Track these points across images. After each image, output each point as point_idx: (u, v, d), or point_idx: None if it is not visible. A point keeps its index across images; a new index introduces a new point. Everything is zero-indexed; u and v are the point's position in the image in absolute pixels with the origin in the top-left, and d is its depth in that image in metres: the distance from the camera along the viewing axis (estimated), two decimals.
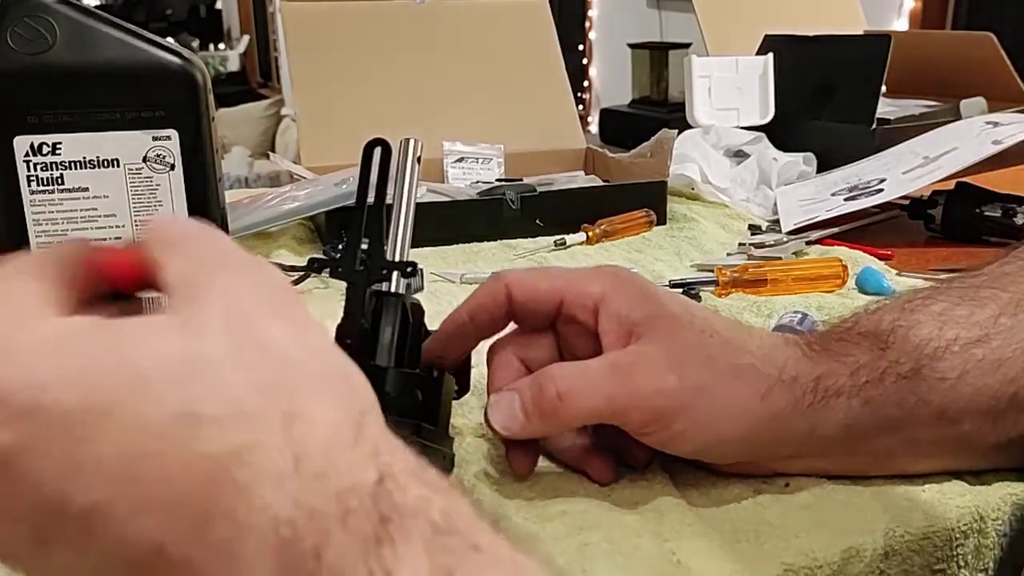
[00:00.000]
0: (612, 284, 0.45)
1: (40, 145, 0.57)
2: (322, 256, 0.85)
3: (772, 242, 0.90)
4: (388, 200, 0.46)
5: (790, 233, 0.93)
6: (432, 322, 0.48)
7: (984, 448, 0.45)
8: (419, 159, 0.46)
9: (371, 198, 0.44)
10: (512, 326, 0.48)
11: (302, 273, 0.79)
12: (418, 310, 0.47)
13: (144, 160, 0.58)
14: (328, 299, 0.77)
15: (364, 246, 0.44)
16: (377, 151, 0.44)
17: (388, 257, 0.45)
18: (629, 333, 0.44)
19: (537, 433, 0.45)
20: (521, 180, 1.11)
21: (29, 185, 0.57)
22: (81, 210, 0.58)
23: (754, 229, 0.97)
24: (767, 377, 0.43)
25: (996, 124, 1.01)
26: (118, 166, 0.58)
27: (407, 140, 0.47)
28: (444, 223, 0.92)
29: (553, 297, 0.46)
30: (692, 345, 0.43)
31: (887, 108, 1.36)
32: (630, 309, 0.44)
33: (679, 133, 1.13)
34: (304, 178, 1.05)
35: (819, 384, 0.43)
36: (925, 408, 0.43)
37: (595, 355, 0.44)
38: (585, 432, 0.47)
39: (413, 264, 0.44)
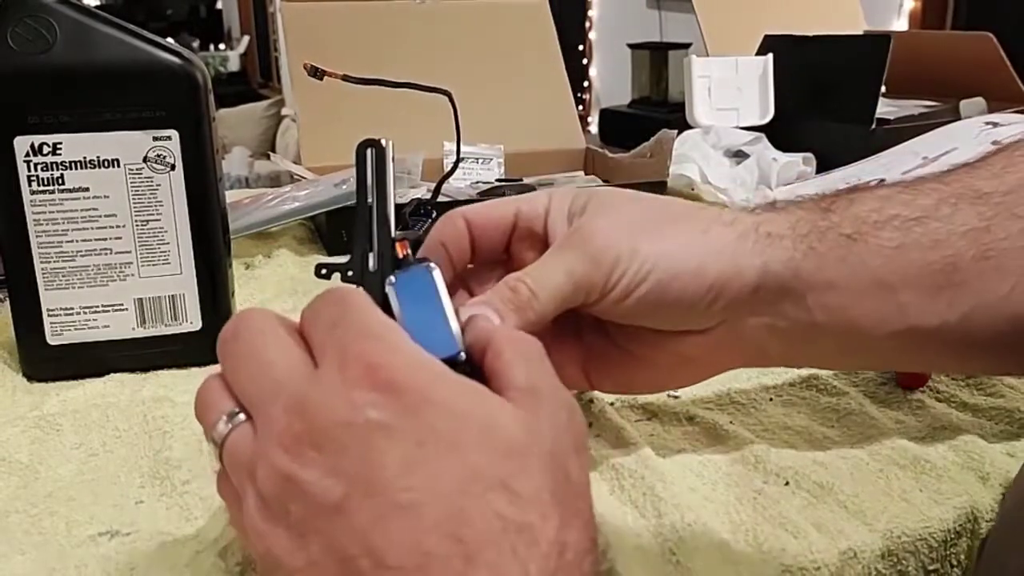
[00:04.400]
0: (559, 191, 0.48)
1: (40, 145, 0.57)
2: (328, 261, 0.84)
3: None
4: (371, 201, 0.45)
5: None
6: None
7: (925, 330, 0.45)
8: (393, 159, 0.46)
9: (371, 199, 0.44)
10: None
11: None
12: None
13: (144, 160, 0.58)
14: None
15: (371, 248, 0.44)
16: (370, 152, 0.44)
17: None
18: (571, 221, 0.46)
19: None
20: (521, 180, 1.11)
21: (29, 185, 0.57)
22: (81, 210, 0.58)
23: None
24: (705, 218, 0.45)
25: (996, 124, 1.01)
26: (118, 166, 0.58)
27: (384, 142, 0.46)
28: None
29: (508, 213, 0.47)
30: (628, 203, 0.46)
31: (887, 108, 1.36)
32: (572, 201, 0.46)
33: (679, 133, 1.14)
34: (304, 178, 1.05)
35: (760, 227, 0.44)
36: (865, 271, 0.44)
37: None
38: None
39: (425, 260, 0.43)
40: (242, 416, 0.33)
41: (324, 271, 0.46)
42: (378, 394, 0.31)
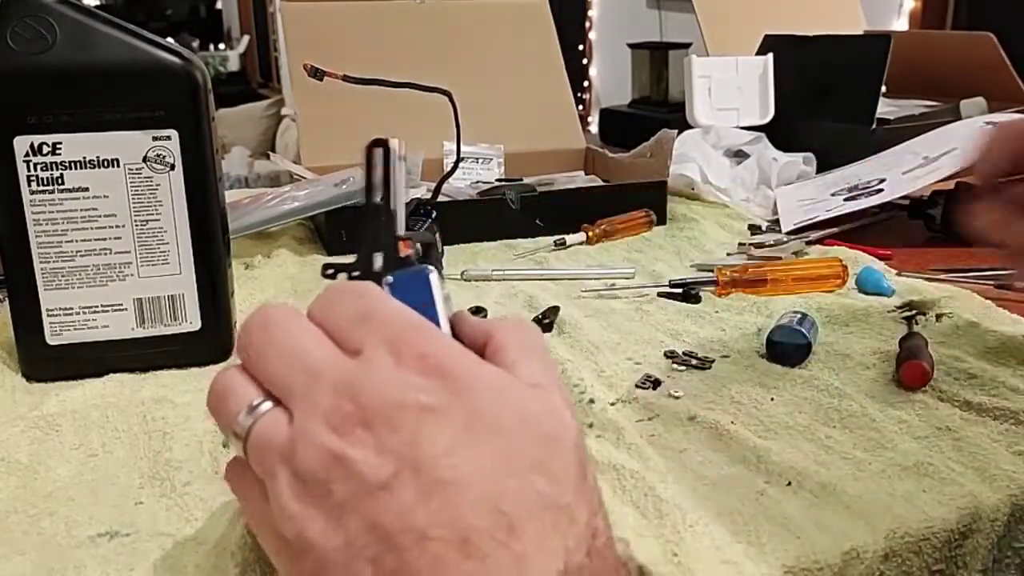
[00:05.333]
0: None
1: (40, 145, 0.57)
2: (334, 261, 0.85)
3: (772, 242, 0.90)
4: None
5: (790, 233, 0.92)
6: None
7: None
8: (403, 158, 0.46)
9: (378, 199, 0.44)
10: None
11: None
12: None
13: (144, 160, 0.58)
14: None
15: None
16: (378, 152, 0.43)
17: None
18: None
19: None
20: (521, 180, 1.11)
21: (29, 185, 0.57)
22: (81, 210, 0.58)
23: (754, 229, 0.97)
24: None
25: (996, 124, 1.01)
26: (118, 166, 0.58)
27: (392, 142, 0.46)
28: (444, 223, 0.92)
29: None
30: None
31: (887, 108, 1.36)
32: None
33: (679, 133, 1.13)
34: (304, 178, 1.05)
35: None
36: None
37: None
38: None
39: (426, 263, 0.43)
40: (268, 404, 0.33)
41: (330, 271, 0.46)
42: (429, 379, 0.32)
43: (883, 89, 1.25)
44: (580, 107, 3.09)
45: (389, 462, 0.30)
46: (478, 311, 0.71)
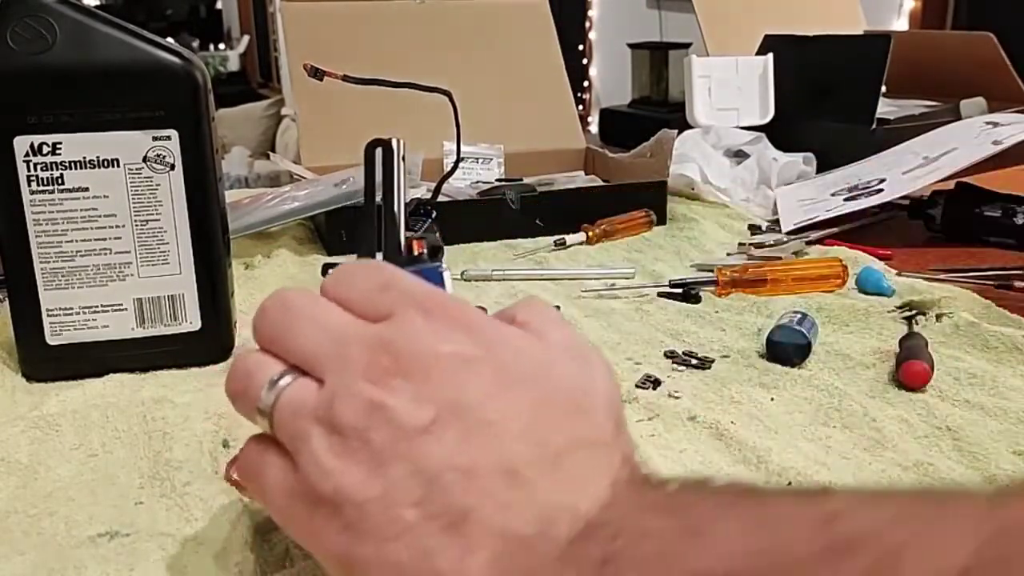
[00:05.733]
0: None
1: (40, 145, 0.57)
2: (334, 260, 0.85)
3: (772, 242, 0.90)
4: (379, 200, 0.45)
5: (790, 233, 0.92)
6: None
7: None
8: (403, 158, 0.46)
9: (378, 199, 0.44)
10: None
11: None
12: None
13: (144, 160, 0.58)
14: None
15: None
16: (378, 152, 0.44)
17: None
18: None
19: None
20: (521, 180, 1.11)
21: (29, 185, 0.57)
22: (81, 210, 0.58)
23: (754, 229, 0.97)
24: None
25: (996, 124, 1.01)
26: (118, 166, 0.58)
27: (395, 141, 0.46)
28: (444, 223, 0.92)
29: None
30: None
31: (887, 108, 1.36)
32: None
33: (679, 133, 1.13)
34: (304, 178, 1.05)
35: None
36: None
37: None
38: None
39: (439, 262, 0.43)
40: (291, 376, 0.33)
41: (331, 271, 0.46)
42: (460, 333, 0.33)
43: (883, 89, 1.25)
44: (580, 107, 3.10)
45: (429, 408, 0.31)
46: None
